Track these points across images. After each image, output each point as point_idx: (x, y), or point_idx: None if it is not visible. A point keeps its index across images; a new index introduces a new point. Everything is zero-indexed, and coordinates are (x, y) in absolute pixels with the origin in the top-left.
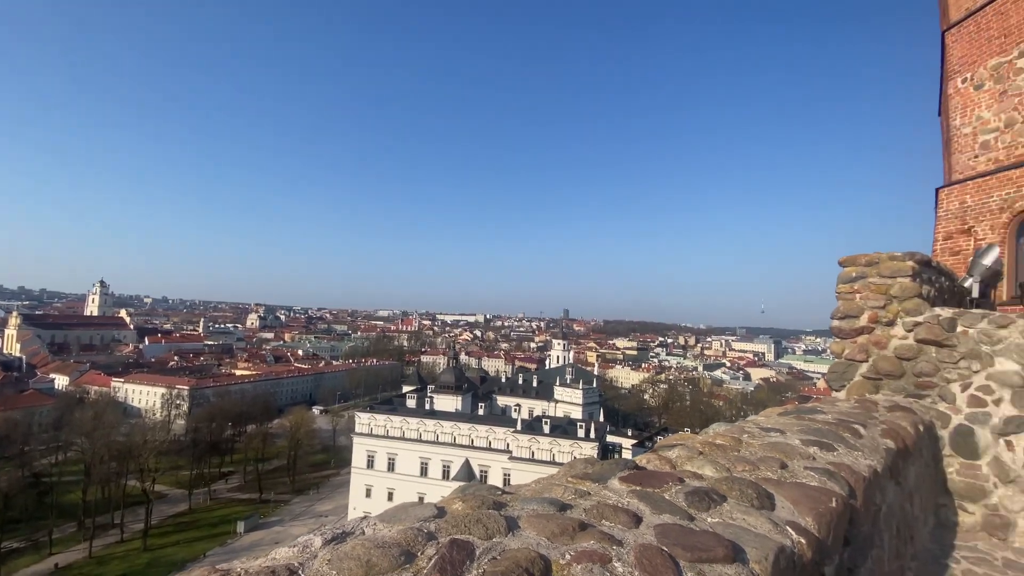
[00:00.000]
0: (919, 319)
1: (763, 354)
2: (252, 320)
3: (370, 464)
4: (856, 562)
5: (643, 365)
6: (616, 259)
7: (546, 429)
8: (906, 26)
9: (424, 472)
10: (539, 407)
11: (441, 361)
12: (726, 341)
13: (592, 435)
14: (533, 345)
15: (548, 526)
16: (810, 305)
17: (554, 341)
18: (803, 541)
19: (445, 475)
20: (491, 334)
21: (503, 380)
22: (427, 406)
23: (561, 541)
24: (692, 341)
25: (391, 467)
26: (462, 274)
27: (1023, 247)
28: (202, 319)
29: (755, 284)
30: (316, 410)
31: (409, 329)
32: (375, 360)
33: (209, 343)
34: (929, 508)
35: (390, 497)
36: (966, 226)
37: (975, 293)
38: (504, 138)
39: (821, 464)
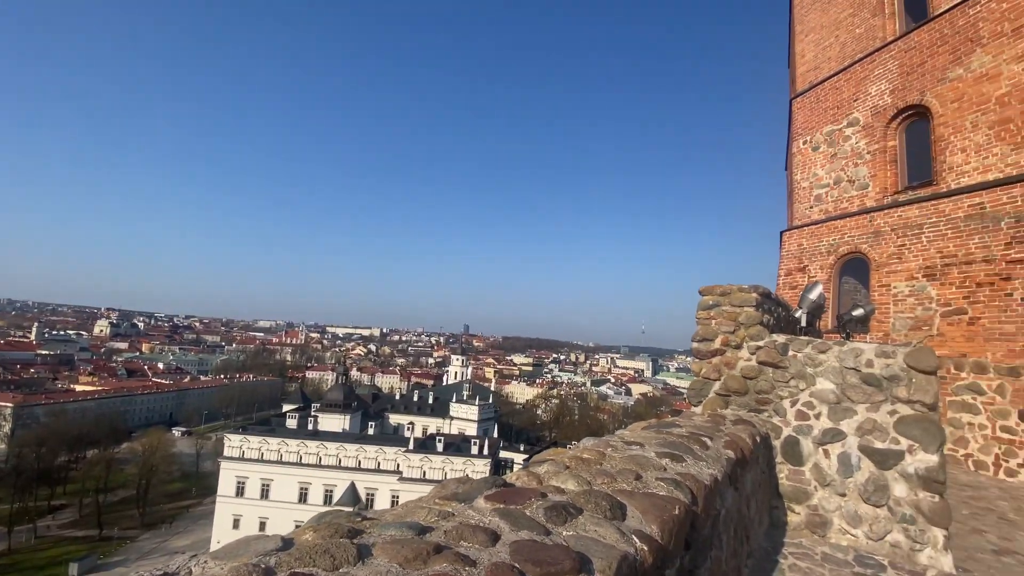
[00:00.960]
0: (760, 343)
1: (643, 371)
2: (101, 327)
3: (240, 491)
4: (696, 563)
5: (537, 381)
6: (518, 276)
7: (439, 447)
8: (768, 95)
9: (303, 498)
10: (434, 425)
11: (329, 377)
12: (611, 358)
13: (486, 452)
14: (431, 361)
15: (402, 552)
16: (683, 327)
17: (453, 357)
18: (646, 548)
19: (327, 500)
20: (387, 349)
21: (397, 397)
22: (310, 426)
23: (413, 566)
24: (582, 358)
25: (265, 494)
26: (358, 285)
27: (844, 285)
28: (35, 324)
29: (638, 306)
30: (177, 432)
31: (294, 342)
32: (252, 376)
33: (44, 352)
34: (764, 510)
35: (262, 527)
36: (802, 265)
37: (803, 323)
38: (401, 145)
39: (671, 474)
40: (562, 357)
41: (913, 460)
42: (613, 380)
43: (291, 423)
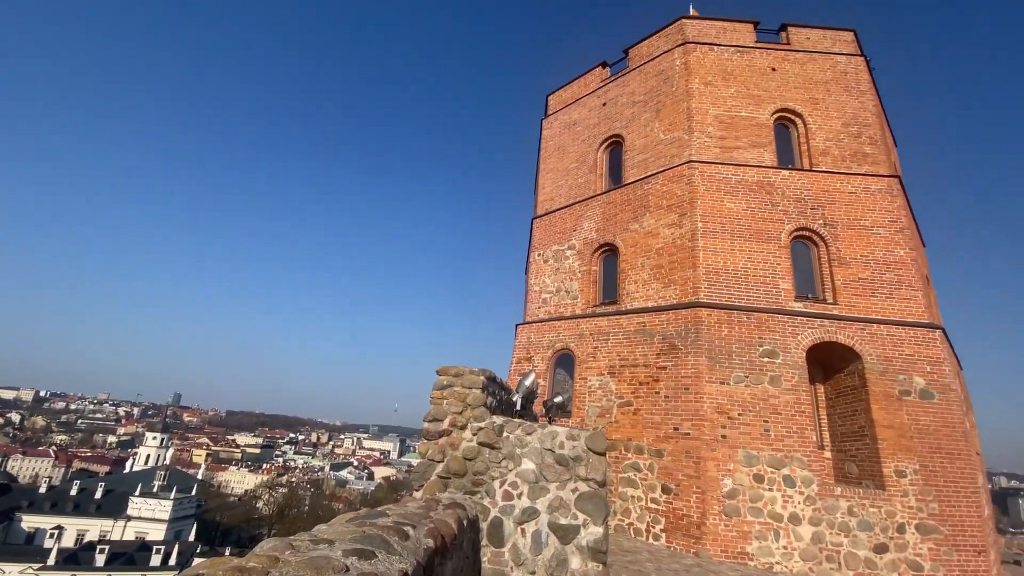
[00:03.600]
0: (482, 424)
1: (389, 452)
2: None
3: None
4: None
5: (265, 466)
6: (253, 342)
7: (100, 560)
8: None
9: None
10: (100, 528)
11: None
12: (358, 438)
13: (173, 561)
14: (113, 439)
15: None
16: None
17: (148, 434)
18: None
19: None
20: (41, 420)
21: (43, 490)
22: None
23: None
24: (325, 438)
25: None
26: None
27: (558, 375)
28: None
29: (395, 382)
30: None
31: None
32: None
33: None
34: None
35: None
36: (529, 355)
37: (519, 406)
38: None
39: None
40: (301, 437)
41: (586, 533)
42: (356, 463)
43: None
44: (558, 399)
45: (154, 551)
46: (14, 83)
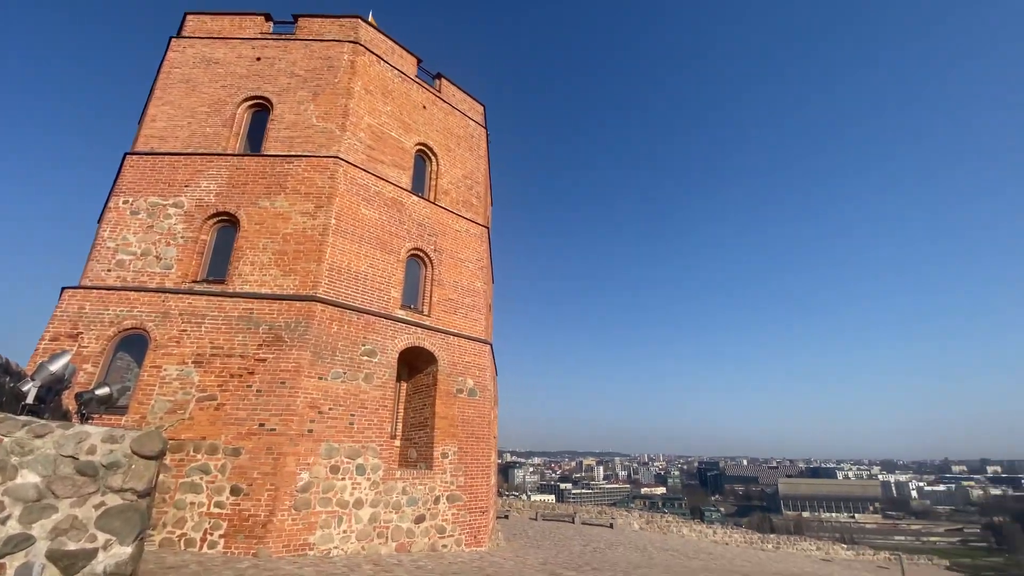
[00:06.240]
0: None
1: None
2: None
3: None
4: None
5: None
6: None
7: None
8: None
9: None
10: None
11: None
12: None
13: None
14: None
15: None
16: None
17: None
18: None
19: None
20: None
21: None
22: None
23: None
24: None
25: None
26: None
27: (118, 360)
28: None
29: None
30: None
31: None
32: None
33: None
34: None
35: None
36: (76, 331)
37: (30, 398)
38: None
39: None
40: None
41: (106, 556)
42: None
43: None
44: (102, 391)
45: None
46: None
